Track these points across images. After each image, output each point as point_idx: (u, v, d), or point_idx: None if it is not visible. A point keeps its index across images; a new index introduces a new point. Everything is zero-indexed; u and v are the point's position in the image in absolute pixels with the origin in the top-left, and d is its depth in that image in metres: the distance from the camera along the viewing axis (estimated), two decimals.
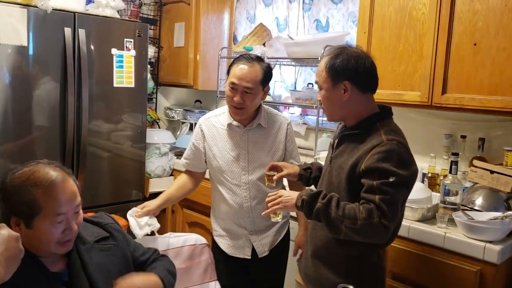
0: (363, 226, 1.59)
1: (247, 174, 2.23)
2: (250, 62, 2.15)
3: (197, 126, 2.35)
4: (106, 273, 1.48)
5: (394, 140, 1.64)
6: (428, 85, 2.36)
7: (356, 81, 1.71)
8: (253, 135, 2.25)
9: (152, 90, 4.05)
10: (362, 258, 1.76)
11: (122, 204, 3.28)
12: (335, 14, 3.21)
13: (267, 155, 2.24)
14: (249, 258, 2.28)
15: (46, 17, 2.80)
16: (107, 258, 1.52)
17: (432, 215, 2.28)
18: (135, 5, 3.74)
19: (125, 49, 3.17)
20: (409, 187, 1.68)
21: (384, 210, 1.58)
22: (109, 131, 3.21)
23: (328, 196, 1.68)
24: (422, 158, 2.73)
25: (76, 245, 1.47)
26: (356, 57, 1.71)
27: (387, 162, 1.60)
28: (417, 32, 2.41)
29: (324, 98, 1.78)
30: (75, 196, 1.42)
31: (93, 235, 1.55)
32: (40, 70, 2.84)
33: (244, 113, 2.19)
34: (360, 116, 1.75)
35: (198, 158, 2.33)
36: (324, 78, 1.75)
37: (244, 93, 2.13)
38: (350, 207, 1.62)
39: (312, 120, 3.36)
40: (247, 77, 2.12)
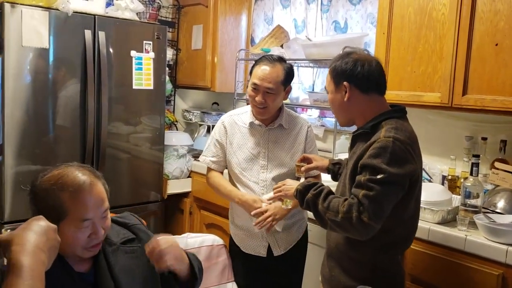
0: (343, 220, 1.62)
1: (266, 172, 2.27)
2: (271, 62, 2.19)
3: (219, 123, 2.38)
4: (131, 276, 1.48)
5: (390, 137, 1.63)
6: (448, 86, 2.33)
7: (354, 82, 1.74)
8: (274, 135, 2.30)
9: (170, 93, 4.08)
10: (374, 262, 1.75)
11: (141, 205, 3.31)
12: (353, 15, 3.20)
13: (287, 155, 2.29)
14: (265, 257, 2.29)
15: (67, 19, 2.84)
16: (132, 261, 1.51)
17: (452, 218, 2.25)
18: (153, 8, 3.77)
19: (144, 51, 3.20)
20: (400, 185, 1.63)
21: (365, 206, 1.59)
22: (128, 133, 3.24)
23: (320, 188, 1.74)
24: (442, 160, 2.70)
25: (103, 246, 1.46)
26: (355, 59, 1.75)
27: (378, 159, 1.61)
28: (437, 33, 2.38)
29: (330, 101, 1.86)
30: (102, 201, 1.40)
31: (119, 237, 1.54)
32: (61, 73, 2.88)
33: (266, 113, 2.24)
34: (367, 117, 1.78)
35: (222, 155, 2.35)
36: (328, 81, 1.83)
37: (265, 93, 2.17)
38: (335, 201, 1.67)
39: (330, 122, 3.35)
40: (269, 78, 2.16)
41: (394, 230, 1.73)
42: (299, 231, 2.37)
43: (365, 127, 1.76)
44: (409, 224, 1.79)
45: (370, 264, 1.75)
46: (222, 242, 2.29)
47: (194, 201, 3.63)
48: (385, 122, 1.72)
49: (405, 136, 1.67)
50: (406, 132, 1.70)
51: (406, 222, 1.75)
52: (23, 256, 0.88)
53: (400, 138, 1.64)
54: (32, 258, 0.88)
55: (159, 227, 3.46)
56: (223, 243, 2.30)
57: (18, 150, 2.76)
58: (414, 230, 1.84)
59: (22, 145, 2.77)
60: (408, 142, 1.66)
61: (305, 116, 3.58)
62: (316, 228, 2.55)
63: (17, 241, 0.90)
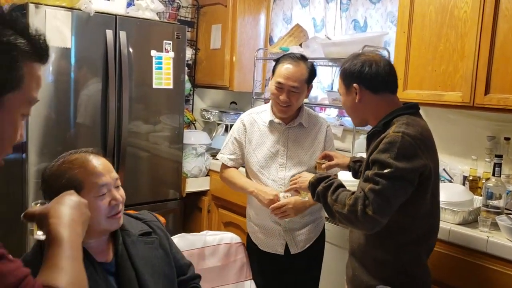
0: (348, 213, 1.64)
1: (285, 170, 2.27)
2: (295, 61, 2.20)
3: (238, 121, 2.39)
4: (150, 266, 1.52)
5: (399, 132, 1.64)
6: (470, 85, 2.30)
7: (363, 82, 1.77)
8: (294, 133, 2.30)
9: (189, 92, 4.10)
10: (397, 262, 1.74)
11: (160, 202, 3.35)
12: (373, 14, 3.18)
13: (306, 153, 2.29)
14: (282, 255, 2.29)
15: (89, 20, 2.88)
16: (151, 252, 1.56)
17: (473, 219, 2.23)
18: (173, 8, 3.80)
19: (164, 51, 3.23)
20: (407, 181, 1.62)
21: (370, 199, 1.60)
22: (148, 131, 3.27)
23: (330, 181, 1.78)
24: (462, 161, 2.67)
25: (123, 237, 1.51)
26: (363, 61, 1.78)
27: (386, 153, 1.62)
28: (458, 31, 2.36)
29: (342, 103, 1.90)
30: (111, 168, 1.48)
31: (137, 229, 1.59)
32: (82, 72, 2.93)
33: (289, 111, 2.25)
34: (379, 116, 1.79)
35: (240, 153, 2.36)
36: (339, 84, 1.87)
37: (290, 92, 2.18)
38: (344, 194, 1.69)
39: (349, 122, 3.33)
40: (293, 77, 2.17)
41: (412, 228, 1.73)
42: (316, 229, 2.37)
43: (377, 125, 1.78)
44: (427, 222, 1.77)
45: (393, 264, 1.75)
46: (240, 240, 2.31)
47: (212, 199, 3.65)
48: (397, 119, 1.72)
49: (415, 131, 1.66)
50: (417, 127, 1.69)
51: (423, 219, 1.74)
52: (62, 228, 0.91)
53: (410, 133, 1.64)
54: (70, 230, 0.92)
55: (178, 225, 3.49)
56: (241, 241, 2.31)
57: (40, 148, 2.81)
58: (434, 228, 1.82)
59: (44, 143, 2.82)
60: (418, 137, 1.65)
61: (324, 115, 3.57)
62: (334, 228, 2.54)
63: (54, 214, 0.93)
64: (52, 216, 0.93)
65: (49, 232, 0.91)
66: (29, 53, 0.87)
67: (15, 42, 0.85)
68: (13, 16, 0.87)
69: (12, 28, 0.85)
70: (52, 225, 0.92)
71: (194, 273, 1.73)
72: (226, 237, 2.28)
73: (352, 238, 1.89)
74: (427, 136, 1.73)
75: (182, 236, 2.16)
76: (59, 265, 0.86)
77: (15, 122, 0.89)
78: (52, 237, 0.90)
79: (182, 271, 1.68)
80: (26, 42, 0.86)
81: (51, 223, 0.92)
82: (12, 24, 0.86)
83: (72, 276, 0.86)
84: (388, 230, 1.71)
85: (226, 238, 2.27)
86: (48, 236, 0.92)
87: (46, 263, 0.87)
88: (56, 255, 0.87)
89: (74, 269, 0.88)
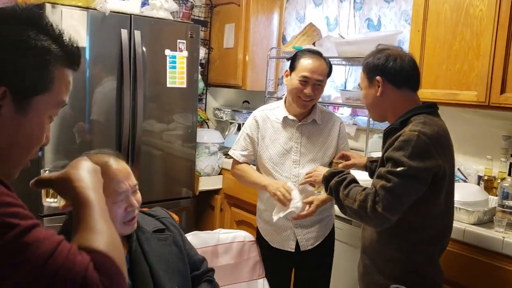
0: (358, 208, 1.65)
1: (298, 167, 2.28)
2: (316, 56, 2.25)
3: (251, 118, 2.40)
4: (164, 262, 1.53)
5: (416, 131, 1.63)
6: (485, 84, 2.28)
7: (386, 76, 1.76)
8: (307, 130, 2.31)
9: (202, 91, 4.12)
10: (408, 261, 1.74)
11: (173, 201, 3.37)
12: (387, 12, 3.16)
13: (319, 150, 2.30)
14: (293, 252, 2.30)
15: (104, 19, 2.91)
16: (165, 248, 1.57)
17: (488, 219, 2.21)
18: (187, 7, 3.82)
19: (177, 50, 3.25)
20: (420, 180, 1.62)
21: (380, 196, 1.60)
22: (161, 130, 3.29)
23: (343, 176, 1.79)
24: (477, 160, 2.64)
25: (136, 234, 1.52)
26: (388, 54, 1.78)
27: (400, 151, 1.62)
28: (474, 30, 2.34)
29: (363, 96, 1.89)
30: (130, 173, 1.49)
31: (150, 226, 1.60)
32: (97, 71, 2.95)
33: (310, 105, 2.28)
34: (397, 113, 1.78)
35: (252, 149, 2.37)
36: (362, 78, 1.86)
37: (314, 85, 2.21)
38: (356, 189, 1.70)
39: (362, 121, 3.32)
40: (319, 70, 2.21)
41: (424, 227, 1.72)
42: (326, 227, 2.37)
43: (394, 123, 1.77)
44: (440, 222, 1.77)
45: (404, 264, 1.74)
46: (253, 238, 2.31)
47: (225, 198, 3.66)
48: (414, 118, 1.72)
49: (432, 130, 1.65)
50: (434, 126, 1.68)
51: (436, 219, 1.74)
52: (89, 191, 0.90)
53: (427, 132, 1.63)
54: (96, 192, 0.92)
55: (191, 223, 3.51)
56: (254, 240, 2.31)
57: (56, 146, 2.84)
58: (447, 229, 1.81)
59: (60, 141, 2.85)
60: (434, 137, 1.64)
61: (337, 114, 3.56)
62: (344, 226, 2.55)
63: (77, 178, 0.93)
64: (76, 180, 0.92)
65: (76, 196, 0.90)
66: (61, 58, 0.90)
67: (49, 47, 0.88)
68: (48, 23, 0.91)
69: (47, 34, 0.89)
70: (78, 188, 0.91)
71: (207, 267, 1.74)
72: (240, 235, 2.28)
73: (365, 236, 1.89)
74: (444, 136, 1.71)
75: (195, 234, 2.17)
76: (93, 227, 0.85)
77: (42, 124, 0.91)
78: (81, 201, 0.89)
79: (196, 267, 1.70)
80: (59, 48, 0.90)
81: (77, 187, 0.91)
82: (48, 30, 0.89)
83: (109, 237, 0.85)
84: (400, 228, 1.71)
85: (239, 236, 2.28)
86: (75, 201, 0.90)
87: (79, 227, 0.86)
88: (88, 217, 0.86)
89: (109, 230, 0.87)
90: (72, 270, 0.74)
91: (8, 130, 0.86)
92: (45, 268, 0.73)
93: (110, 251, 0.82)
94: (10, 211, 0.75)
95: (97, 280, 0.76)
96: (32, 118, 0.88)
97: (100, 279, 0.77)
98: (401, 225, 1.69)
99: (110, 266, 0.80)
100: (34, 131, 0.90)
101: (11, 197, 0.79)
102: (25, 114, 0.87)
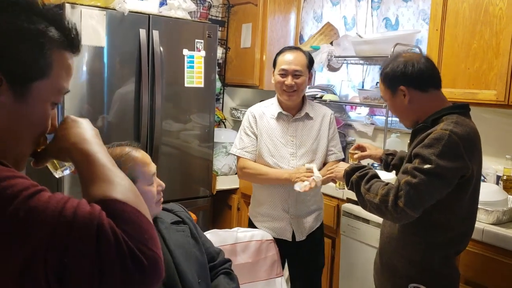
0: (380, 202, 1.64)
1: (295, 159, 2.38)
2: (293, 50, 2.41)
3: (248, 115, 2.49)
4: (184, 251, 1.59)
5: (447, 130, 1.61)
6: (505, 83, 2.26)
7: (410, 83, 1.74)
8: (301, 124, 2.43)
9: (219, 91, 4.14)
10: (425, 262, 1.74)
11: (191, 200, 3.39)
12: (405, 12, 3.15)
13: (313, 142, 2.42)
14: (290, 241, 2.41)
15: (123, 19, 2.95)
16: (183, 239, 1.64)
17: (508, 219, 2.19)
18: (204, 7, 3.85)
19: (195, 49, 3.27)
20: (446, 180, 1.61)
21: (404, 191, 1.59)
22: (179, 130, 3.32)
23: (365, 171, 1.79)
24: (496, 160, 2.62)
25: (156, 224, 1.58)
26: (403, 62, 1.76)
27: (429, 149, 1.61)
28: (493, 29, 2.32)
29: (391, 108, 1.88)
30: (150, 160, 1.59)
31: (168, 218, 1.68)
32: (116, 70, 2.99)
33: (295, 96, 2.37)
34: (429, 113, 1.76)
35: (256, 144, 2.44)
36: (383, 90, 1.85)
37: (294, 76, 2.33)
38: (377, 184, 1.70)
39: (380, 121, 3.31)
40: (295, 61, 2.35)
41: (446, 229, 1.71)
42: (317, 219, 2.49)
43: (425, 121, 1.75)
44: (463, 225, 1.75)
45: (421, 264, 1.74)
46: (271, 237, 2.33)
47: (242, 197, 3.68)
48: (446, 117, 1.70)
49: (464, 131, 1.63)
50: (466, 127, 1.66)
51: (458, 222, 1.72)
52: (88, 145, 0.86)
53: (458, 132, 1.61)
54: (96, 144, 0.87)
55: (208, 222, 3.53)
56: (272, 238, 2.33)
57: None
58: (469, 232, 1.80)
59: None
60: (465, 138, 1.63)
61: (354, 114, 3.55)
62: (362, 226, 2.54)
63: (70, 138, 0.87)
64: (69, 140, 0.87)
65: (77, 154, 0.85)
66: (58, 41, 0.86)
67: (44, 30, 0.83)
68: (46, 6, 0.86)
69: (42, 17, 0.84)
70: (76, 145, 0.85)
71: (224, 258, 1.79)
72: (258, 234, 2.30)
73: (383, 233, 1.89)
74: (475, 138, 1.69)
75: (213, 232, 2.19)
76: (105, 178, 0.80)
77: (44, 111, 0.87)
78: (82, 158, 0.84)
79: (213, 258, 1.74)
80: (57, 30, 0.86)
81: (74, 147, 0.85)
82: (44, 13, 0.85)
83: (124, 185, 0.80)
84: (421, 227, 1.71)
85: (257, 235, 2.29)
86: (77, 160, 0.84)
87: (86, 184, 0.80)
88: (96, 171, 0.81)
89: (122, 178, 0.82)
90: (84, 222, 0.70)
91: (10, 119, 0.82)
92: (56, 229, 0.69)
93: (126, 198, 0.76)
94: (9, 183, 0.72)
95: (114, 226, 0.71)
96: (33, 105, 0.84)
97: (120, 226, 0.72)
98: (422, 224, 1.69)
99: (128, 211, 0.75)
100: (36, 118, 0.86)
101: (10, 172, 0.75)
102: (25, 101, 0.83)
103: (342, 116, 3.52)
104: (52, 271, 0.68)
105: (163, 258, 1.46)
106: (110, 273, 0.69)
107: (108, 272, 0.69)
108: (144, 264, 0.71)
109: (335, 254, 2.88)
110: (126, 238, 0.71)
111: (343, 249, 2.77)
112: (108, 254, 0.69)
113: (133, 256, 0.70)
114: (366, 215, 2.54)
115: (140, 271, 0.71)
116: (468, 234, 1.80)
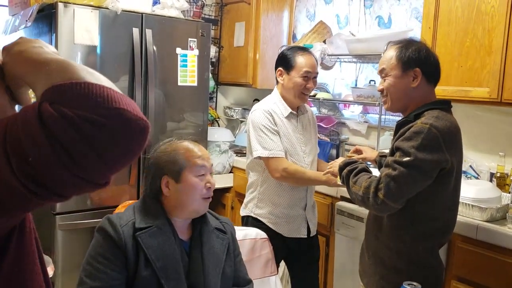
0: (363, 194, 1.70)
1: (306, 156, 2.43)
2: (308, 51, 2.41)
3: (262, 114, 2.35)
4: (215, 258, 1.61)
5: (427, 123, 1.64)
6: (497, 81, 2.28)
7: (426, 70, 1.77)
8: (303, 121, 2.48)
9: (212, 90, 4.14)
10: (411, 253, 1.76)
11: None
12: (397, 10, 3.16)
13: (313, 137, 2.50)
14: (306, 237, 2.44)
15: (116, 18, 2.93)
16: (219, 246, 1.65)
17: (501, 216, 2.20)
18: (197, 6, 3.84)
19: (188, 48, 3.27)
20: (425, 172, 1.63)
21: (384, 183, 1.63)
22: (173, 129, 3.31)
23: (355, 165, 1.84)
24: (490, 157, 2.63)
25: (200, 225, 1.64)
26: (427, 49, 1.80)
27: (409, 142, 1.64)
28: (485, 27, 2.33)
29: (390, 86, 1.82)
30: (209, 156, 1.66)
31: (214, 222, 1.71)
32: (109, 69, 2.97)
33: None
34: (418, 105, 1.78)
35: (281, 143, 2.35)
36: (393, 65, 1.80)
37: (314, 79, 2.37)
38: (363, 177, 1.75)
39: (373, 119, 3.32)
40: (315, 64, 2.39)
41: (430, 220, 1.74)
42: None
43: (408, 116, 1.78)
44: (446, 216, 1.78)
45: (407, 255, 1.77)
46: (265, 235, 2.31)
47: (236, 196, 3.67)
48: (428, 112, 1.73)
49: (444, 125, 1.66)
50: (447, 121, 1.69)
51: (442, 213, 1.76)
52: (33, 54, 0.76)
53: (438, 126, 1.64)
54: (43, 51, 0.77)
55: None
56: (266, 237, 2.32)
57: None
58: (452, 223, 1.83)
59: None
60: (445, 131, 1.65)
61: (348, 112, 3.56)
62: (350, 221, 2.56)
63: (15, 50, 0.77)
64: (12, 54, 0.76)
65: (20, 68, 0.75)
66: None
67: None
68: None
69: None
70: (17, 54, 0.75)
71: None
72: (251, 232, 2.29)
73: (368, 227, 1.93)
74: (455, 132, 1.72)
75: None
76: (63, 68, 0.72)
77: None
78: (28, 68, 0.74)
79: (238, 283, 1.72)
80: None
81: (16, 57, 0.75)
82: None
83: (85, 69, 0.72)
84: (404, 220, 1.74)
85: (251, 233, 2.28)
86: (22, 73, 0.75)
87: (31, 86, 0.72)
88: (47, 69, 0.72)
89: (80, 65, 0.73)
90: (25, 113, 0.65)
91: None
92: (6, 134, 0.65)
93: (62, 79, 0.68)
94: None
95: (57, 105, 0.64)
96: None
97: (65, 104, 0.65)
98: (406, 216, 1.73)
99: (68, 87, 0.67)
100: None
101: None
102: None
103: (335, 114, 3.52)
104: (22, 175, 0.64)
105: (196, 257, 1.55)
106: (73, 148, 0.64)
107: (70, 148, 0.64)
108: (104, 123, 0.66)
109: (329, 252, 2.89)
110: (74, 109, 0.65)
111: (337, 247, 2.77)
112: (58, 130, 0.64)
113: (89, 121, 0.65)
114: (360, 213, 2.54)
115: (106, 131, 0.66)
116: (452, 225, 1.84)
